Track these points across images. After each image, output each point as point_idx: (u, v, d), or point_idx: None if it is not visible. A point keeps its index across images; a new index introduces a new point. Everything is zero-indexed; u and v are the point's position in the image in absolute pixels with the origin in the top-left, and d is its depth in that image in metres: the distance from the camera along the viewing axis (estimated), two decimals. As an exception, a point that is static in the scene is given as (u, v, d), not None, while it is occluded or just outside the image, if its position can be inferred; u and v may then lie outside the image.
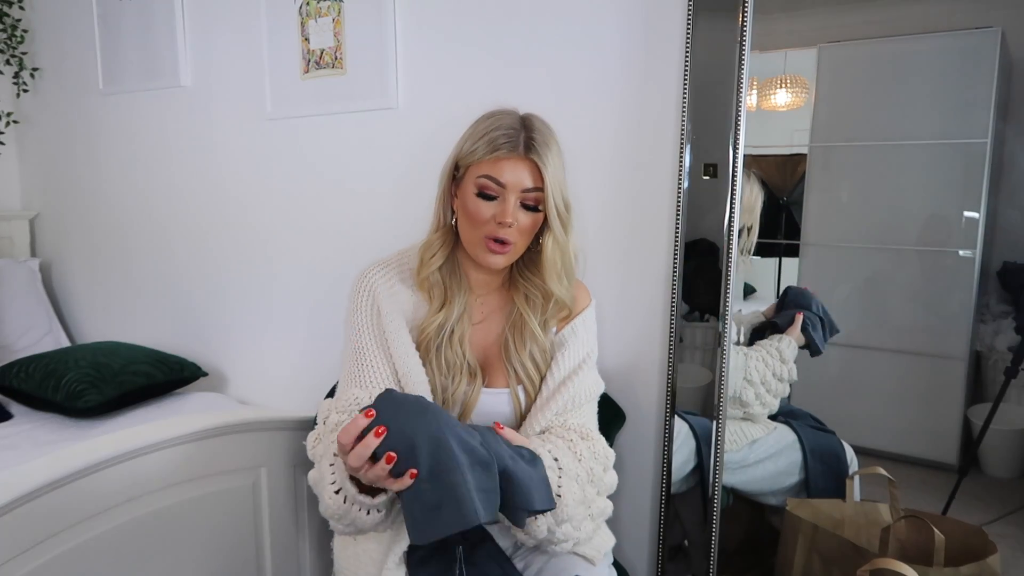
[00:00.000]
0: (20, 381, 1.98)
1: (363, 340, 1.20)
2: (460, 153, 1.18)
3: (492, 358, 1.25)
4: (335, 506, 1.04)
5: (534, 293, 1.23)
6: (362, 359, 1.19)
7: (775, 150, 1.65)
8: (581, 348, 1.26)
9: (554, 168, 1.15)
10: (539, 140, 1.14)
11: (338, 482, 1.03)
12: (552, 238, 1.18)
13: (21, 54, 2.49)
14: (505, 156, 1.13)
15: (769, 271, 1.67)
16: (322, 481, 1.06)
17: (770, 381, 1.56)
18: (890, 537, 1.33)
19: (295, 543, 1.58)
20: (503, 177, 1.13)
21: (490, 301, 1.27)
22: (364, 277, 1.23)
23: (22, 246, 2.65)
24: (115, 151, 2.40)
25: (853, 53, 1.58)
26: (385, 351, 1.19)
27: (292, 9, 1.92)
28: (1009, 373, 1.47)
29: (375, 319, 1.20)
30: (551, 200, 1.15)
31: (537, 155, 1.13)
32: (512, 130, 1.14)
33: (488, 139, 1.14)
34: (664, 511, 1.55)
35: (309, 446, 1.19)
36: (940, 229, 1.52)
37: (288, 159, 2.04)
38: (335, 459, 1.03)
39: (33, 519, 1.15)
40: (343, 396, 1.17)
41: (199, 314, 2.30)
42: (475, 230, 1.16)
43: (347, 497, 1.03)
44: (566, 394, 1.20)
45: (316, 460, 1.15)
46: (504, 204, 1.14)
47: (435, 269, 1.21)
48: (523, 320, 1.23)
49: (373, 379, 1.18)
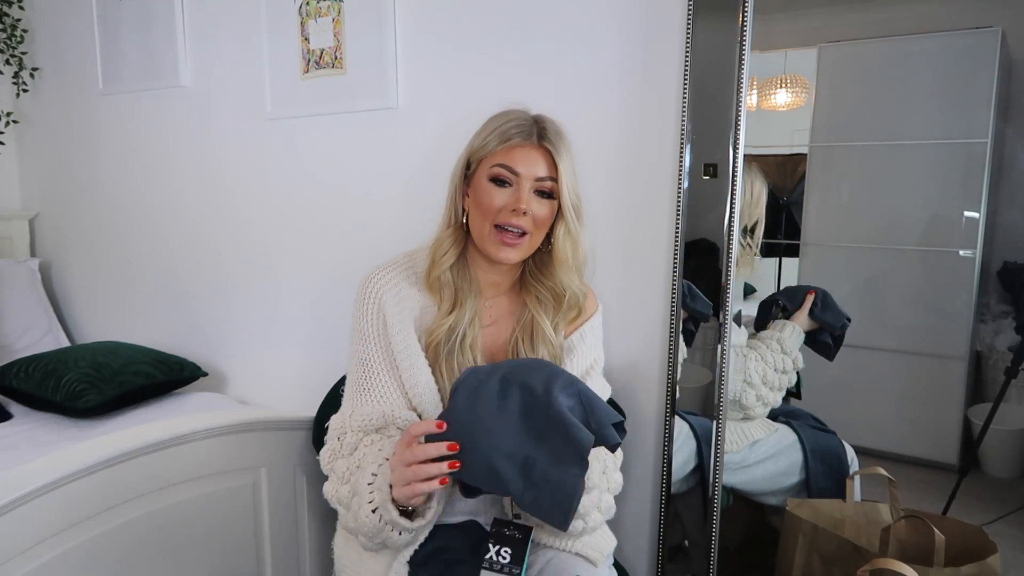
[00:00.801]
0: (20, 381, 1.98)
1: (369, 351, 1.19)
2: (472, 149, 1.19)
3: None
4: (370, 525, 1.04)
5: (545, 295, 1.22)
6: (368, 371, 1.18)
7: (775, 150, 1.65)
8: (589, 354, 1.26)
9: (566, 160, 1.16)
10: (551, 130, 1.16)
11: (376, 502, 1.03)
12: (565, 229, 1.18)
13: (21, 54, 2.49)
14: (518, 144, 1.14)
15: (769, 271, 1.67)
16: (357, 499, 1.06)
17: (771, 377, 1.55)
18: (890, 537, 1.33)
19: (295, 543, 1.58)
20: (517, 165, 1.14)
21: (500, 304, 1.26)
22: (369, 282, 1.21)
23: (22, 246, 2.65)
24: (115, 151, 2.40)
25: (853, 53, 1.58)
26: (391, 363, 1.18)
27: (292, 9, 1.92)
28: (1009, 373, 1.47)
29: (381, 328, 1.19)
30: (565, 188, 1.15)
31: (550, 143, 1.14)
32: (524, 122, 1.16)
33: (500, 131, 1.15)
34: (664, 511, 1.55)
35: (324, 462, 1.19)
36: (940, 229, 1.52)
37: (288, 159, 2.04)
38: (374, 479, 1.04)
39: (33, 519, 1.15)
40: (357, 414, 1.16)
41: (199, 314, 2.30)
42: (487, 220, 1.15)
43: (383, 517, 1.03)
44: None
45: (334, 475, 1.15)
46: (518, 191, 1.14)
47: (447, 268, 1.20)
48: (535, 323, 1.22)
49: (380, 394, 1.17)
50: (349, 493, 1.11)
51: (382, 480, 1.04)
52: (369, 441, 1.14)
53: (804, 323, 1.55)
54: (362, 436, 1.15)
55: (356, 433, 1.15)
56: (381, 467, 1.05)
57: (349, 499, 1.10)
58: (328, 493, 1.16)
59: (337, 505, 1.15)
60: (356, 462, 1.12)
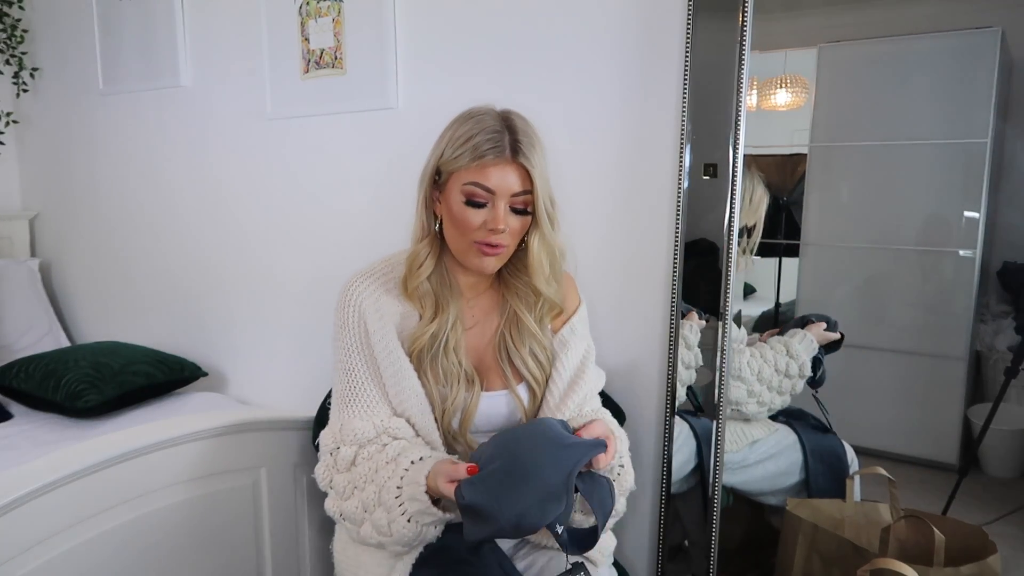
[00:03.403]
0: (20, 381, 1.98)
1: (352, 362, 1.18)
2: (442, 159, 1.14)
3: (488, 361, 1.24)
4: (410, 533, 1.08)
5: (525, 291, 1.22)
6: (353, 383, 1.18)
7: (775, 150, 1.65)
8: (581, 344, 1.26)
9: (541, 169, 1.12)
10: (525, 142, 1.11)
11: (409, 512, 1.06)
12: (539, 236, 1.15)
13: (21, 54, 2.49)
14: (492, 162, 1.10)
15: (769, 271, 1.67)
16: (382, 514, 1.09)
17: (768, 375, 1.55)
18: (890, 537, 1.33)
19: (295, 543, 1.58)
20: (491, 183, 1.10)
21: (481, 303, 1.26)
22: (348, 291, 1.20)
23: (22, 246, 2.65)
24: (115, 151, 2.40)
25: (853, 53, 1.58)
26: (375, 371, 1.18)
27: (292, 9, 1.92)
28: (1009, 373, 1.47)
29: (363, 337, 1.18)
30: (540, 202, 1.13)
31: (525, 158, 1.10)
32: (495, 133, 1.10)
33: (472, 145, 1.10)
34: (664, 511, 1.55)
35: (320, 479, 1.20)
36: (940, 229, 1.52)
37: (288, 159, 2.04)
38: (399, 492, 1.07)
39: (33, 519, 1.15)
40: (347, 428, 1.16)
41: (199, 314, 2.30)
42: (465, 237, 1.14)
43: (420, 522, 1.07)
44: (580, 391, 1.21)
45: (333, 492, 1.17)
46: (495, 210, 1.11)
47: (424, 279, 1.18)
48: (518, 317, 1.22)
49: (367, 404, 1.17)
50: (358, 508, 1.12)
51: (411, 490, 1.06)
52: (367, 455, 1.14)
53: (819, 336, 1.55)
54: (357, 449, 1.15)
55: (350, 447, 1.15)
56: (404, 479, 1.08)
57: (361, 514, 1.11)
58: (331, 509, 1.17)
59: (342, 520, 1.16)
60: (362, 477, 1.13)
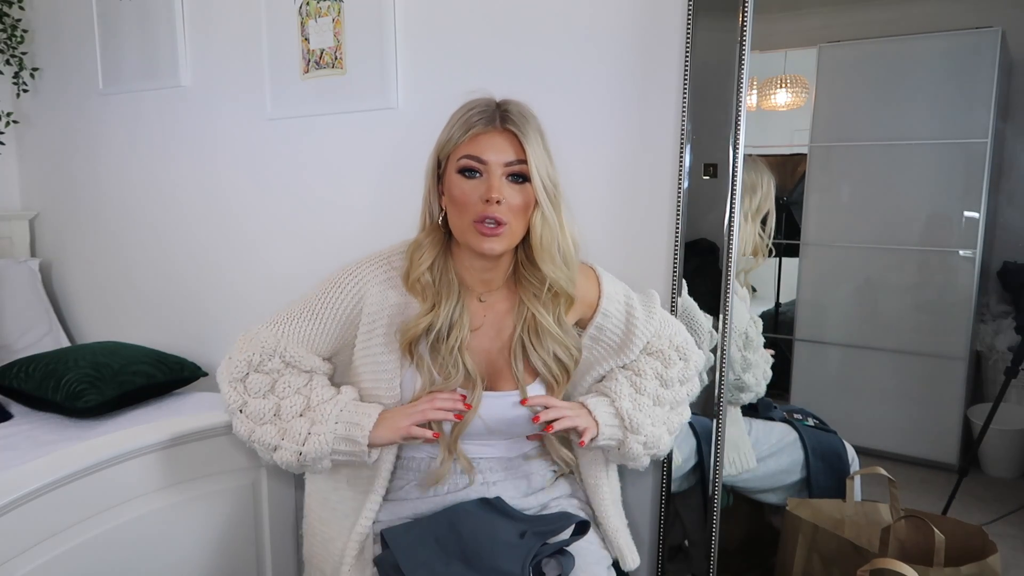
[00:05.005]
0: (20, 381, 1.98)
1: (319, 309, 1.22)
2: (439, 145, 1.17)
3: (500, 363, 1.22)
4: (318, 453, 1.15)
5: (538, 286, 1.18)
6: (303, 314, 1.24)
7: (775, 150, 1.65)
8: (626, 328, 1.27)
9: (535, 142, 1.12)
10: (514, 111, 1.13)
11: (339, 434, 1.16)
12: (540, 215, 1.13)
13: (21, 54, 2.49)
14: (481, 131, 1.11)
15: (769, 271, 1.67)
16: (312, 428, 1.16)
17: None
18: (890, 537, 1.33)
19: (295, 543, 1.58)
20: (483, 153, 1.10)
21: (493, 304, 1.23)
22: (359, 267, 1.22)
23: (22, 246, 2.65)
24: (115, 151, 2.40)
25: (853, 53, 1.58)
26: (332, 333, 1.22)
27: (292, 9, 1.92)
28: (1009, 373, 1.47)
29: (353, 309, 1.21)
30: (535, 171, 1.11)
31: (514, 125, 1.11)
32: (486, 107, 1.13)
33: (463, 120, 1.13)
34: (664, 510, 1.55)
35: (231, 396, 1.22)
36: (940, 229, 1.52)
37: (288, 159, 2.04)
38: (339, 415, 1.17)
39: (33, 519, 1.15)
40: (294, 336, 1.23)
41: (199, 314, 2.30)
42: (464, 215, 1.12)
43: (335, 448, 1.16)
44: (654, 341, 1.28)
45: (245, 416, 1.20)
46: (489, 179, 1.10)
47: (424, 270, 1.17)
48: (536, 320, 1.18)
49: (293, 333, 1.23)
50: (278, 436, 1.17)
51: (346, 428, 1.16)
52: (296, 387, 1.20)
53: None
54: (284, 368, 1.20)
55: (279, 362, 1.21)
56: (338, 424, 1.16)
57: (278, 440, 1.17)
58: (242, 433, 1.20)
59: (252, 443, 1.19)
60: (287, 409, 1.19)
